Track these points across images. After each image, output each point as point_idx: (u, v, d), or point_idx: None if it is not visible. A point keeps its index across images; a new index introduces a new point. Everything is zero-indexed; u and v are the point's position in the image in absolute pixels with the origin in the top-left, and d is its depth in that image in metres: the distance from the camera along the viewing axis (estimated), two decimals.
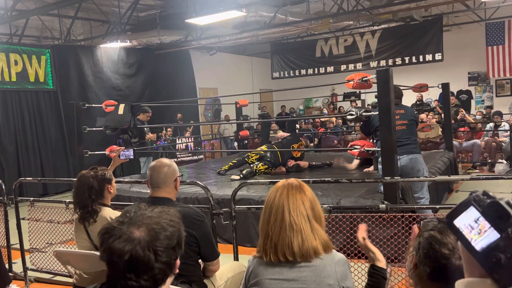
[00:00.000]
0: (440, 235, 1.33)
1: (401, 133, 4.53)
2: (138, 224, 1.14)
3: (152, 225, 1.15)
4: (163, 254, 1.13)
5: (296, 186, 1.77)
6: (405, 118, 4.63)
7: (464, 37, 13.22)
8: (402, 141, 4.48)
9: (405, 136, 4.54)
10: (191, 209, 2.39)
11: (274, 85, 15.17)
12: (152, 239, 1.13)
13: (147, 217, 1.17)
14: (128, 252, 1.10)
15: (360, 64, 12.64)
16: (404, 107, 4.80)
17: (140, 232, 1.13)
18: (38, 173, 9.20)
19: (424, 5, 8.59)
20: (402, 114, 4.63)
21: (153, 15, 10.06)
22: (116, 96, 10.43)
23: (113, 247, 1.11)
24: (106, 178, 2.67)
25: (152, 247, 1.12)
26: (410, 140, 4.57)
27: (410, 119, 4.66)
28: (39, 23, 9.35)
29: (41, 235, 4.27)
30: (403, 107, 4.81)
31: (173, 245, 1.16)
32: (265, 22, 9.19)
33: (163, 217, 1.19)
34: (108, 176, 2.69)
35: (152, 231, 1.14)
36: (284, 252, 1.68)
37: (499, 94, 13.70)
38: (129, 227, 1.14)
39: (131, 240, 1.11)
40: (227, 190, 5.14)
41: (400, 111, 4.63)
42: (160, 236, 1.14)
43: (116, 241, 1.12)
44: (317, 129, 11.84)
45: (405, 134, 4.55)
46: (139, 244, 1.11)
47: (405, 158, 4.45)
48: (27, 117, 9.23)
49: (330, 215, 3.05)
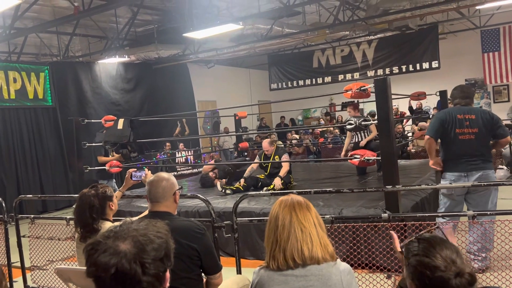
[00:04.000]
0: (428, 259, 1.26)
1: (469, 145, 3.80)
2: (124, 237, 1.12)
3: (138, 237, 1.13)
4: (151, 266, 1.10)
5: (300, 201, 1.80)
6: (476, 126, 3.80)
7: (460, 44, 13.32)
8: (468, 155, 3.79)
9: (474, 148, 3.80)
10: (191, 222, 2.38)
11: (272, 97, 15.23)
12: (138, 251, 1.10)
13: (133, 230, 1.15)
14: (114, 266, 1.07)
15: (358, 73, 12.71)
16: (475, 111, 3.92)
17: (126, 245, 1.10)
18: (37, 190, 9.18)
19: (419, 14, 8.66)
20: (472, 121, 3.81)
21: (151, 30, 10.14)
22: (115, 111, 10.45)
23: (98, 261, 1.09)
24: (107, 195, 2.66)
25: (139, 259, 1.09)
26: (479, 153, 3.82)
27: (481, 127, 3.80)
28: (37, 40, 9.41)
29: (42, 253, 4.24)
30: (475, 111, 3.93)
31: (161, 256, 1.14)
32: (262, 34, 9.25)
33: (149, 229, 1.17)
34: (108, 194, 2.69)
35: (138, 243, 1.12)
36: (293, 256, 1.69)
37: (497, 100, 13.76)
38: (115, 240, 1.12)
39: (116, 253, 1.09)
40: (228, 202, 5.13)
41: (470, 116, 3.82)
42: (147, 248, 1.12)
43: (101, 255, 1.09)
44: (316, 139, 11.85)
45: (473, 145, 3.80)
46: (125, 257, 1.08)
47: (474, 176, 3.79)
48: (26, 134, 9.24)
49: (333, 225, 3.04)
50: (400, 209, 4.02)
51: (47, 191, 9.31)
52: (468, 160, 3.82)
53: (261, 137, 11.36)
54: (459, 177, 3.85)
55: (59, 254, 4.18)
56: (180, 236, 2.21)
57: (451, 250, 1.28)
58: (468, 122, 3.81)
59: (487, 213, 3.27)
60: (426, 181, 5.76)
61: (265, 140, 6.36)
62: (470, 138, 3.80)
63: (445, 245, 1.29)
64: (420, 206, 4.81)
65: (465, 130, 3.81)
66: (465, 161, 3.82)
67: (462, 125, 3.81)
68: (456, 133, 3.81)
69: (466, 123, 3.81)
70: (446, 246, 1.29)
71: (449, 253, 1.26)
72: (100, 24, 9.07)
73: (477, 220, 2.90)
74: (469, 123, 3.81)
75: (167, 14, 9.44)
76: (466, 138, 3.81)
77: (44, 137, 9.56)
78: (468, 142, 3.81)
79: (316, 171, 8.03)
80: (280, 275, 1.70)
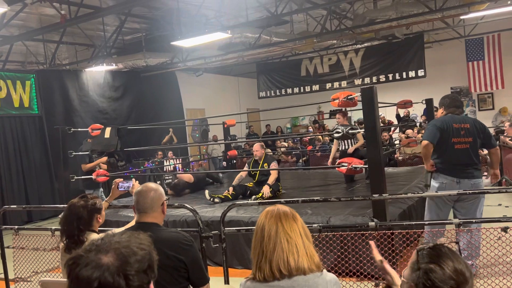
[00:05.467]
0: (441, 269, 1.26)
1: (464, 154, 3.86)
2: (106, 250, 1.10)
3: (121, 250, 1.11)
4: (134, 278, 1.08)
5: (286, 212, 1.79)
6: (470, 135, 3.87)
7: (445, 53, 13.53)
8: (462, 164, 3.86)
9: (468, 157, 3.87)
10: (179, 233, 2.36)
11: (261, 105, 15.27)
12: (121, 264, 1.08)
13: (115, 242, 1.13)
14: (97, 279, 1.05)
15: (345, 82, 12.82)
16: (469, 120, 3.98)
17: (109, 258, 1.08)
18: (22, 199, 9.03)
19: (405, 24, 8.79)
20: (467, 130, 3.87)
21: (139, 38, 10.11)
22: (102, 120, 10.36)
23: (80, 275, 1.06)
24: (96, 208, 2.62)
25: (122, 271, 1.07)
26: (472, 162, 3.88)
27: (475, 137, 3.88)
28: (23, 48, 9.32)
29: (27, 264, 4.17)
30: (469, 120, 4.00)
31: (144, 268, 1.12)
32: (250, 43, 9.30)
33: (132, 241, 1.15)
34: (98, 206, 2.64)
35: (121, 255, 1.10)
36: (279, 267, 1.68)
37: (482, 108, 13.97)
38: (97, 253, 1.09)
39: (99, 267, 1.06)
40: (217, 211, 5.09)
41: (465, 125, 3.88)
42: (130, 260, 1.10)
43: (83, 269, 1.06)
44: (305, 147, 11.89)
45: (468, 154, 3.87)
46: (108, 270, 1.06)
47: (466, 183, 3.86)
48: (11, 143, 9.10)
49: (320, 234, 3.04)
50: (387, 217, 4.04)
51: (32, 200, 9.16)
52: (462, 169, 3.88)
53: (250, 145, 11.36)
54: (451, 181, 3.90)
55: (44, 265, 4.11)
56: (167, 248, 2.18)
57: (462, 263, 1.30)
58: (464, 131, 3.86)
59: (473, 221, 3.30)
60: (413, 188, 5.81)
61: (256, 144, 6.37)
62: (466, 147, 3.86)
63: (461, 261, 1.31)
64: (408, 214, 4.85)
65: (461, 140, 3.86)
66: (459, 169, 3.88)
67: (458, 134, 3.86)
68: (452, 142, 3.86)
69: (462, 132, 3.86)
70: (462, 262, 1.30)
71: (463, 270, 1.27)
72: (88, 32, 9.02)
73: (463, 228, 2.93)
74: (464, 132, 3.86)
75: (155, 23, 9.44)
76: (462, 147, 3.86)
77: (29, 146, 9.43)
78: (463, 151, 3.86)
79: (305, 179, 8.05)
80: (266, 286, 1.70)
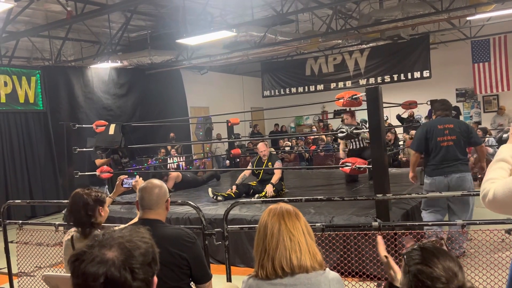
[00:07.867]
0: (430, 268, 1.24)
1: (447, 150, 4.38)
2: (110, 245, 1.10)
3: (125, 244, 1.11)
4: (140, 271, 1.09)
5: (289, 210, 1.79)
6: (454, 134, 4.40)
7: (451, 54, 13.46)
8: (449, 159, 4.35)
9: (452, 153, 4.37)
10: (182, 230, 2.36)
11: (265, 104, 15.27)
12: (126, 258, 1.09)
13: (117, 237, 1.14)
14: (103, 275, 1.05)
15: (350, 82, 12.79)
16: (454, 121, 4.56)
17: (113, 252, 1.09)
18: (26, 195, 9.07)
19: (411, 24, 8.76)
20: (451, 129, 4.41)
21: (144, 35, 10.13)
22: (107, 116, 10.40)
23: (87, 271, 1.06)
24: (99, 199, 2.63)
25: (128, 265, 1.08)
26: (458, 157, 4.37)
27: (459, 135, 4.39)
28: (29, 44, 9.35)
29: (30, 259, 4.18)
30: (453, 121, 4.57)
31: (148, 261, 1.13)
32: (255, 41, 9.29)
33: (134, 235, 1.16)
34: (101, 198, 2.65)
35: (126, 249, 1.10)
36: (281, 265, 1.68)
37: (487, 110, 13.90)
38: (101, 249, 1.09)
39: (104, 262, 1.07)
40: (219, 209, 5.10)
41: (449, 125, 4.44)
42: (135, 253, 1.11)
43: (89, 265, 1.06)
44: (308, 146, 11.87)
45: (452, 151, 4.37)
46: (114, 264, 1.07)
47: (454, 177, 4.34)
48: (15, 138, 9.14)
49: (323, 233, 3.03)
50: (390, 218, 4.03)
51: (36, 196, 9.20)
52: (448, 165, 4.40)
53: (254, 143, 11.36)
54: (440, 177, 4.43)
55: (47, 260, 4.13)
56: (170, 245, 2.19)
57: (454, 262, 1.26)
58: (448, 130, 4.43)
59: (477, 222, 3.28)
60: (416, 189, 5.78)
61: (261, 143, 6.37)
62: (450, 144, 4.41)
63: (448, 257, 1.27)
64: (411, 214, 4.84)
65: (445, 138, 4.42)
66: (446, 165, 4.40)
67: (442, 133, 4.43)
68: (438, 141, 4.43)
69: (445, 131, 4.43)
70: (449, 258, 1.27)
71: (451, 266, 1.24)
72: (93, 29, 9.04)
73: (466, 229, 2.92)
74: (448, 132, 4.42)
75: (161, 20, 9.45)
76: (446, 144, 4.41)
77: (34, 142, 9.47)
78: (448, 148, 4.41)
79: (308, 178, 8.04)
80: (269, 284, 1.70)
